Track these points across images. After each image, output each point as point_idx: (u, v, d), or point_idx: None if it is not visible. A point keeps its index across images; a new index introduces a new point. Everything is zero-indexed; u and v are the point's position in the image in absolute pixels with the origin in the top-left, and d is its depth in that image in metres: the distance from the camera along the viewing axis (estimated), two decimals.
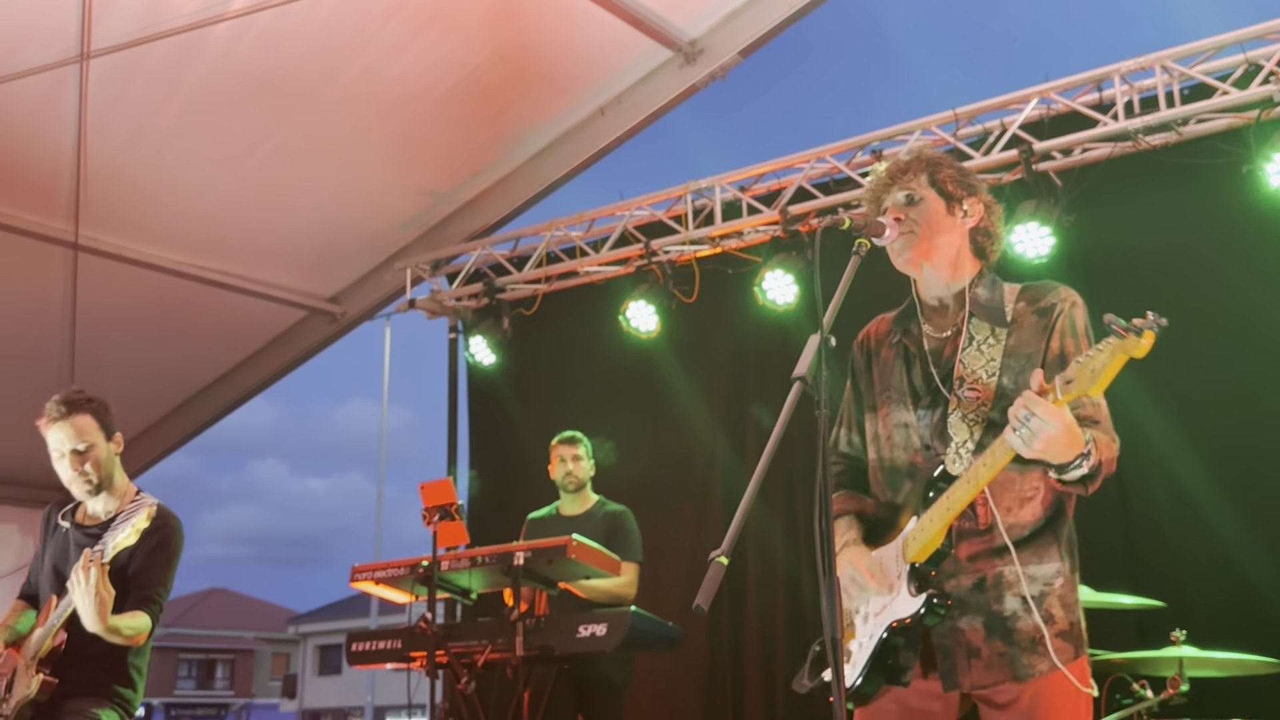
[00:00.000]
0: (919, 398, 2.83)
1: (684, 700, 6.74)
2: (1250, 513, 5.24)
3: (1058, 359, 2.71)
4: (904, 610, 2.62)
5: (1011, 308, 2.82)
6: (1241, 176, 5.34)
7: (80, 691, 3.79)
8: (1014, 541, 2.65)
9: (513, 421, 7.71)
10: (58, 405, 3.96)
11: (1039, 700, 2.61)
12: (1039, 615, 2.63)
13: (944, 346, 2.84)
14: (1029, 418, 2.39)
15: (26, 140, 5.92)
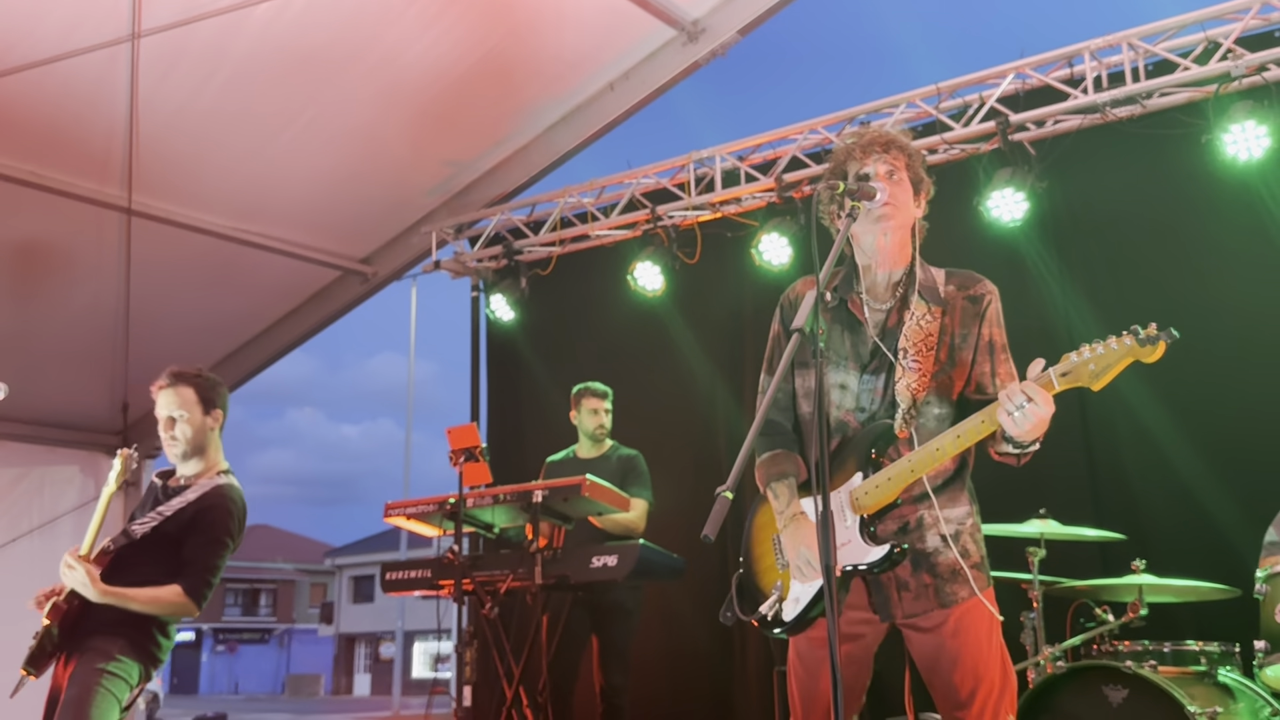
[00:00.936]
0: (861, 363, 2.85)
1: (689, 625, 6.79)
2: (1205, 452, 5.26)
3: (988, 345, 2.82)
4: (862, 558, 2.71)
5: (943, 289, 2.87)
6: (1200, 146, 5.31)
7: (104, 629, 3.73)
8: (933, 489, 2.76)
9: (530, 372, 7.73)
10: (167, 374, 3.98)
11: (962, 622, 2.74)
12: (956, 550, 2.76)
13: (887, 318, 2.87)
14: (1025, 403, 2.46)
15: (84, 114, 5.89)
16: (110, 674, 3.67)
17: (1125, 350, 2.40)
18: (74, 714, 3.57)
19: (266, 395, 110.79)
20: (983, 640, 2.74)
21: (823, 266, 2.56)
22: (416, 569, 5.62)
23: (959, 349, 2.82)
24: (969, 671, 2.70)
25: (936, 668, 2.76)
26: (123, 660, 3.72)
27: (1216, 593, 4.34)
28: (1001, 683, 2.72)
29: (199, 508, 3.86)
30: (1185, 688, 3.82)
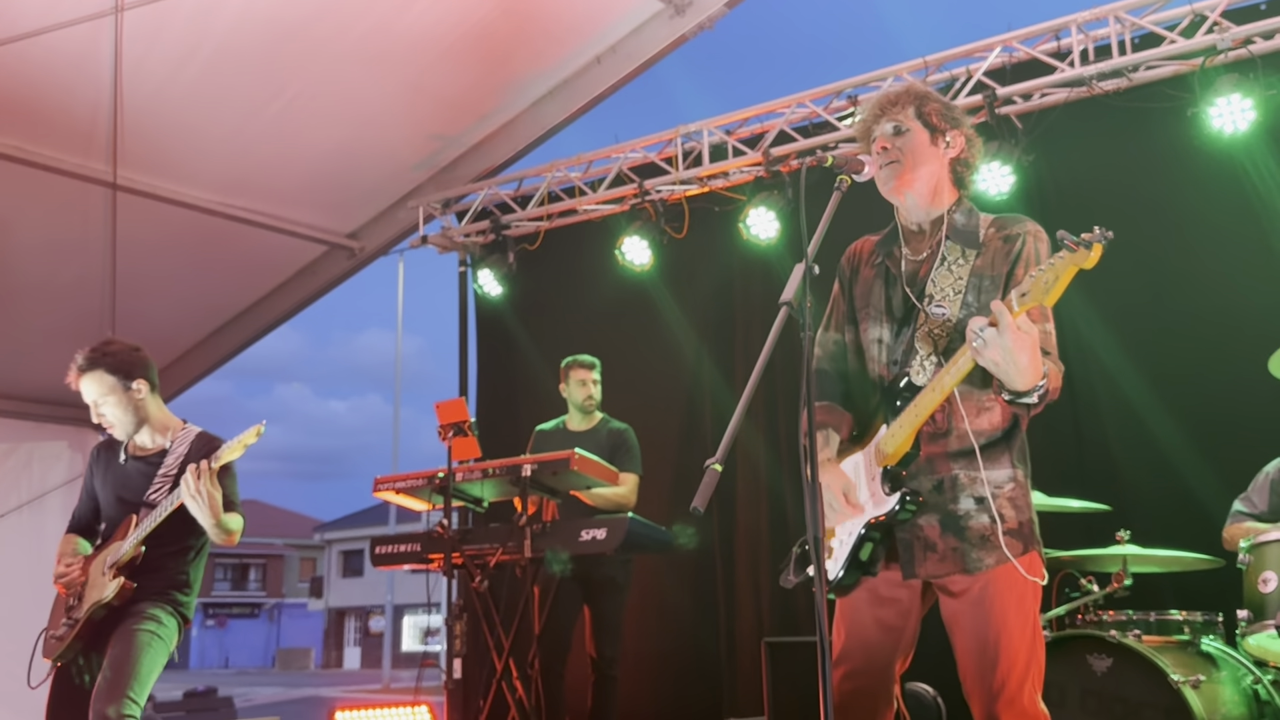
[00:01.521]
0: (894, 316, 2.83)
1: (675, 598, 6.82)
2: (1189, 424, 5.29)
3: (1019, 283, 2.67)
4: (880, 509, 2.67)
5: (983, 233, 2.81)
6: (1186, 119, 5.32)
7: (143, 596, 3.82)
8: (970, 448, 2.67)
9: (518, 347, 7.72)
10: (77, 362, 3.97)
11: (989, 589, 2.65)
12: (990, 514, 2.66)
13: (919, 268, 2.84)
14: (984, 329, 2.38)
15: (68, 88, 5.83)
16: (158, 636, 3.78)
17: (1065, 263, 2.34)
18: (123, 667, 3.64)
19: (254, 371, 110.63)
20: (1010, 609, 2.63)
21: (811, 240, 2.56)
22: (406, 543, 5.62)
23: (987, 290, 2.71)
24: (992, 643, 2.61)
25: (960, 635, 2.68)
26: (166, 623, 3.83)
27: (1200, 563, 4.38)
28: (1028, 655, 2.63)
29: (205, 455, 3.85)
30: (1169, 656, 3.85)
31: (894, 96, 2.88)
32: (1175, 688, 3.71)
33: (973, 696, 2.66)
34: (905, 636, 2.80)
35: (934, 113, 2.86)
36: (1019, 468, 2.75)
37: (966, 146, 2.89)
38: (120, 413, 3.98)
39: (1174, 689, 3.72)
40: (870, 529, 2.69)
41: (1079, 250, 2.32)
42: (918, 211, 2.86)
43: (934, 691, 5.23)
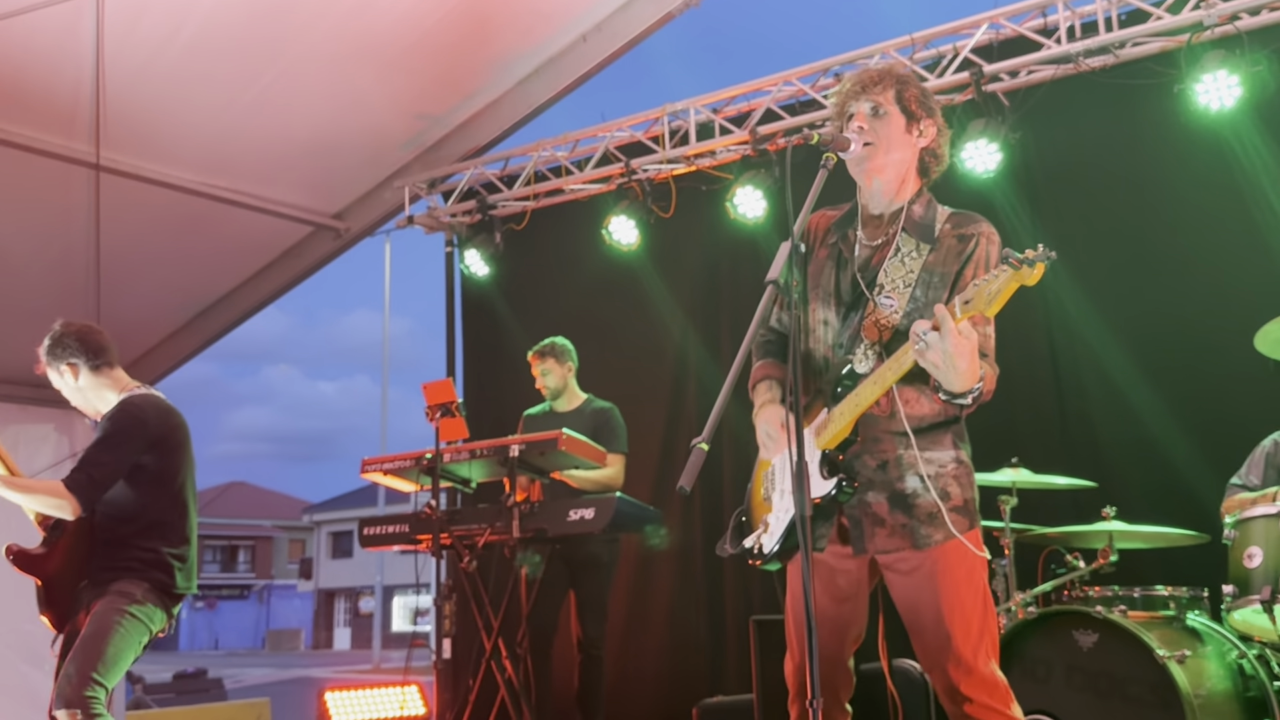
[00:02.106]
0: (842, 301, 2.85)
1: (662, 578, 6.83)
2: (1174, 402, 5.31)
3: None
4: (817, 491, 2.71)
5: (939, 227, 2.83)
6: (1172, 96, 5.32)
7: (122, 574, 3.79)
8: (912, 430, 2.73)
9: (505, 327, 7.70)
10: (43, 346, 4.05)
11: (940, 565, 2.72)
12: (935, 493, 2.73)
13: (873, 255, 2.86)
14: (926, 333, 2.42)
15: (49, 68, 5.77)
16: (132, 615, 3.72)
17: (1007, 278, 2.37)
18: (89, 649, 3.61)
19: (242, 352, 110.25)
20: (961, 583, 2.71)
21: (797, 219, 2.56)
22: (394, 524, 5.62)
23: (936, 286, 2.76)
24: (946, 615, 2.68)
25: (914, 611, 2.74)
26: (145, 604, 3.78)
27: (1185, 539, 4.40)
28: (980, 626, 2.70)
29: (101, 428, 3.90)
30: (1154, 631, 3.88)
31: (875, 76, 2.87)
32: (1161, 663, 3.74)
33: (933, 670, 2.74)
34: (857, 607, 2.87)
35: (913, 99, 2.86)
36: (961, 448, 2.83)
37: (937, 136, 2.91)
38: (71, 395, 4.06)
39: (1159, 664, 3.74)
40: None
41: (1022, 268, 2.35)
42: (881, 198, 2.88)
43: (921, 668, 5.25)
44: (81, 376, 3.99)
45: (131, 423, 3.86)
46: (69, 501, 3.71)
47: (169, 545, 3.89)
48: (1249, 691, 3.94)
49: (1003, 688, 2.70)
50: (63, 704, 3.51)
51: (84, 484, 3.74)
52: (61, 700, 3.52)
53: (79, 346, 4.00)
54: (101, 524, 3.80)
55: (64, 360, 3.99)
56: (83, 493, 3.73)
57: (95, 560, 3.79)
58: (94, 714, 3.52)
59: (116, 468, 3.80)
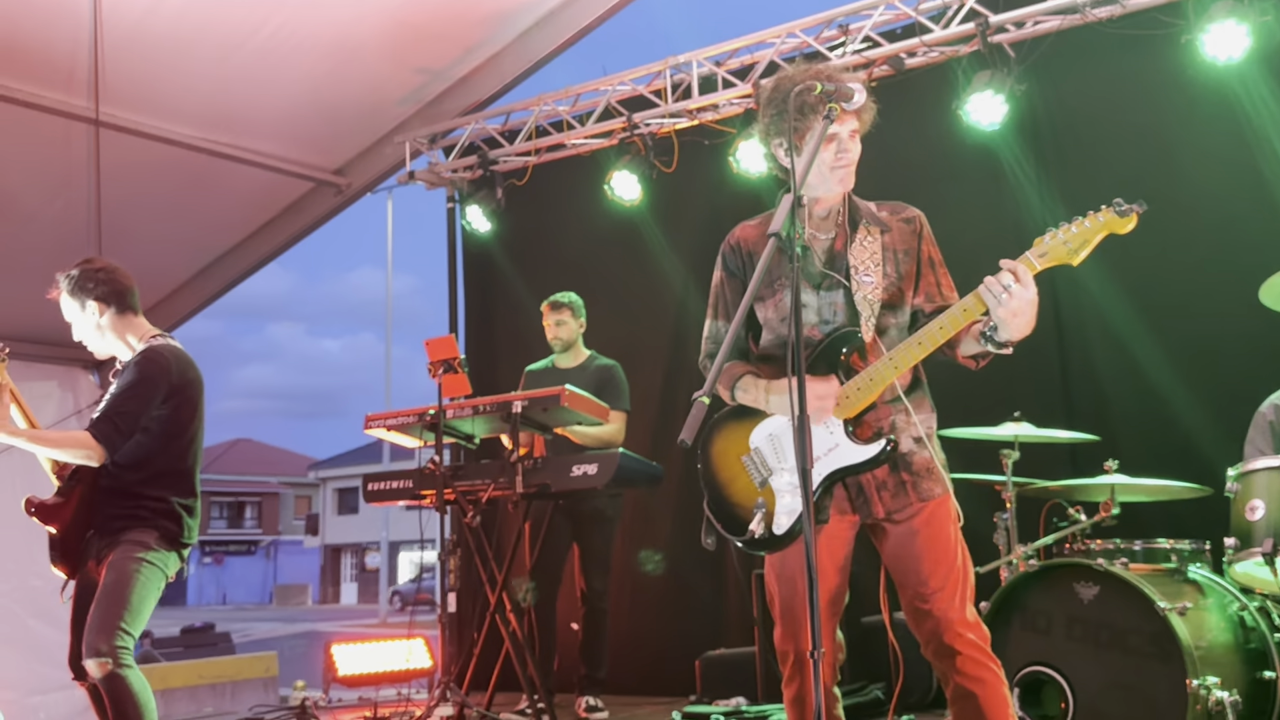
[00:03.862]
0: (816, 284, 2.96)
1: (660, 530, 6.85)
2: (1176, 353, 5.29)
3: (929, 260, 3.01)
4: (856, 457, 2.82)
5: (880, 214, 3.02)
6: (1180, 47, 5.25)
7: (133, 524, 3.78)
8: (898, 396, 2.90)
9: (507, 283, 7.68)
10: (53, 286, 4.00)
11: (935, 515, 2.90)
12: (929, 450, 2.92)
13: (832, 243, 2.99)
14: (1011, 283, 2.59)
15: (47, 24, 5.71)
16: (149, 563, 3.73)
17: (1100, 225, 2.55)
18: (113, 598, 3.62)
19: (246, 310, 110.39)
20: (949, 532, 2.90)
21: (800, 168, 2.54)
22: (399, 479, 5.64)
23: (904, 263, 2.97)
24: (936, 561, 2.86)
25: (905, 557, 2.91)
26: (159, 550, 3.78)
27: (1187, 491, 4.40)
28: (964, 571, 2.89)
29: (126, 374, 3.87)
30: (1156, 584, 3.88)
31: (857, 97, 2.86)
32: (1162, 615, 3.74)
33: (923, 615, 2.87)
34: (846, 576, 3.03)
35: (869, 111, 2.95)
36: (935, 412, 3.04)
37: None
38: (86, 336, 4.00)
39: (1160, 616, 3.75)
40: (828, 479, 2.84)
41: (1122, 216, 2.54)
42: (833, 200, 3.00)
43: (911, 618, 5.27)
44: (107, 316, 3.96)
45: (157, 371, 3.84)
46: (96, 450, 3.71)
47: (178, 495, 3.88)
48: (1250, 643, 3.95)
49: (984, 631, 2.89)
50: (93, 654, 3.53)
51: (110, 432, 3.74)
52: (92, 650, 3.54)
53: (110, 286, 3.96)
54: (110, 472, 3.78)
55: (92, 295, 3.93)
56: (109, 441, 3.73)
57: (103, 509, 3.79)
58: (123, 663, 3.55)
59: (141, 416, 3.79)
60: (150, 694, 3.63)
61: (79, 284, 3.95)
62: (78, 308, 3.97)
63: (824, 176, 2.91)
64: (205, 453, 4.15)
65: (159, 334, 4.02)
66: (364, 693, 6.98)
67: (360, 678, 7.09)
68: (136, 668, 3.61)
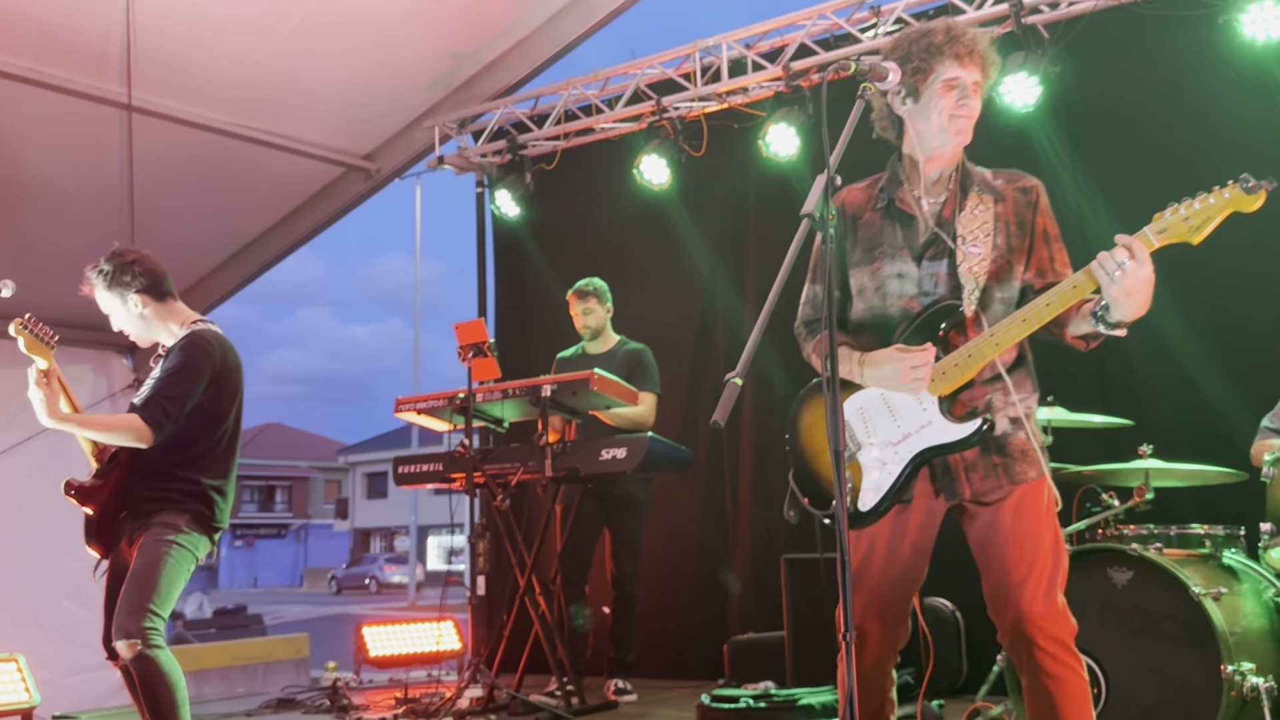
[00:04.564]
0: (916, 253, 2.83)
1: (689, 515, 6.85)
2: (1212, 337, 5.23)
3: (1043, 234, 2.84)
4: (948, 435, 2.71)
5: (994, 182, 2.88)
6: (1216, 27, 5.18)
7: (165, 506, 3.81)
8: (999, 374, 2.77)
9: (536, 268, 7.68)
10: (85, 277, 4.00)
11: (1025, 499, 2.75)
12: (1026, 431, 2.77)
13: (941, 208, 2.85)
14: (1125, 260, 2.49)
15: (80, 9, 5.75)
16: (179, 545, 3.76)
17: (1226, 202, 2.43)
18: (143, 580, 3.65)
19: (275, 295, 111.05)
20: (1043, 518, 2.75)
21: (833, 152, 2.51)
22: (428, 463, 5.67)
23: (1016, 235, 2.81)
24: (1022, 549, 2.71)
25: (991, 544, 2.75)
26: (190, 533, 3.80)
27: (1222, 476, 4.35)
28: (1055, 560, 2.73)
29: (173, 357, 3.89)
30: (1190, 569, 3.84)
31: (985, 53, 2.81)
32: (1196, 600, 3.71)
33: (1006, 601, 2.71)
34: (925, 560, 2.89)
35: (993, 69, 2.84)
36: (1036, 392, 2.89)
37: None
38: (125, 324, 4.00)
39: (1195, 601, 3.71)
40: (920, 457, 2.73)
41: (1250, 194, 2.42)
42: (941, 160, 2.87)
43: (952, 606, 5.26)
44: (150, 306, 3.98)
45: (201, 356, 3.87)
46: (145, 432, 3.74)
47: (210, 477, 3.90)
48: None
49: (1071, 624, 2.72)
50: (123, 635, 3.57)
51: (159, 415, 3.76)
52: (121, 632, 3.57)
53: (148, 277, 3.98)
54: (149, 454, 3.81)
55: (132, 289, 3.95)
56: (158, 424, 3.76)
57: (137, 490, 3.82)
58: (153, 644, 3.58)
59: (188, 400, 3.82)
60: (180, 674, 3.66)
61: (116, 278, 3.96)
62: (118, 302, 3.98)
63: (940, 128, 2.78)
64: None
65: (199, 319, 4.05)
66: (394, 674, 7.03)
67: (391, 659, 7.15)
68: (166, 648, 3.64)
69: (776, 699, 4.68)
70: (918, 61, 2.77)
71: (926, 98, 2.75)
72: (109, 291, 3.98)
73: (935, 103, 2.77)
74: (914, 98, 2.78)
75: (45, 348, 3.78)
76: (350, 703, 5.98)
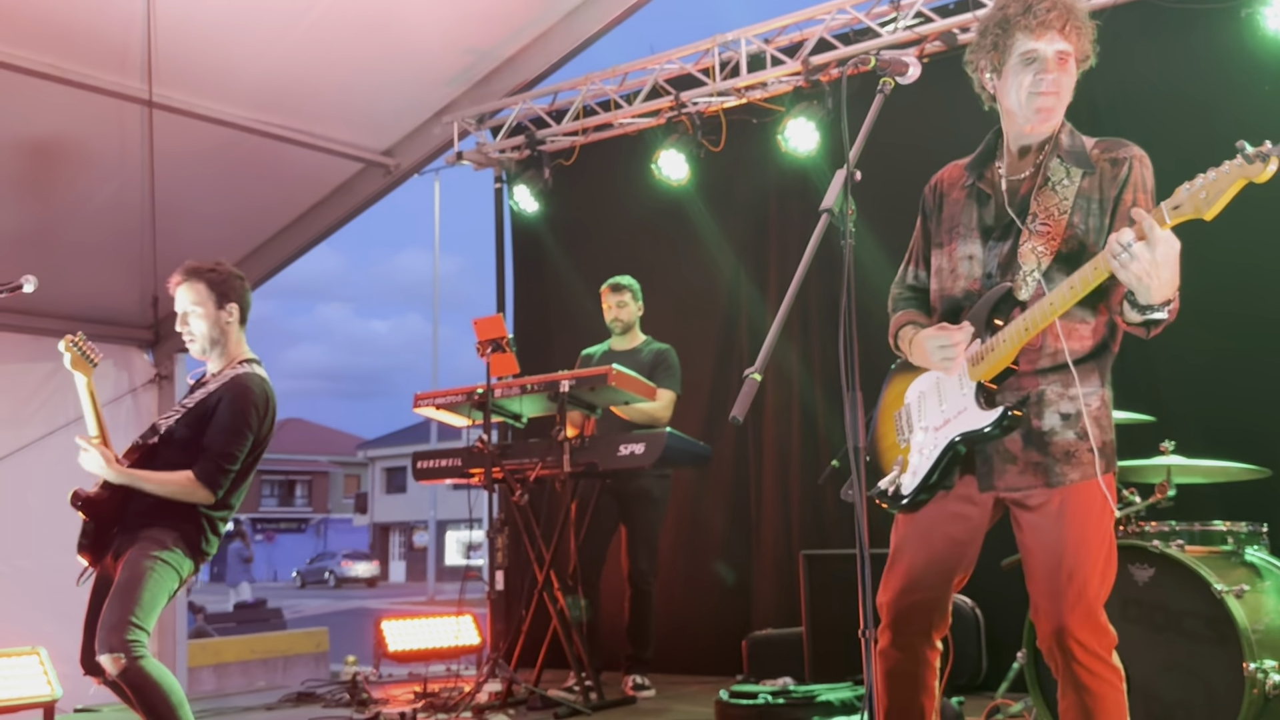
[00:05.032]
0: (989, 231, 2.75)
1: (708, 511, 6.85)
2: (1234, 333, 5.19)
3: (1129, 210, 2.58)
4: (976, 423, 2.62)
5: (1090, 153, 2.72)
6: (1240, 20, 5.14)
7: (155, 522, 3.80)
8: (1063, 364, 2.63)
9: (554, 264, 7.68)
10: (181, 269, 3.97)
11: (1068, 504, 2.62)
12: (1075, 431, 2.64)
13: (1020, 185, 2.75)
14: (1130, 243, 2.30)
15: (101, 6, 5.78)
16: (164, 561, 3.75)
17: (1236, 172, 2.24)
18: (126, 594, 3.65)
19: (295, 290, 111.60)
20: (1090, 525, 2.61)
21: (853, 146, 2.50)
22: (447, 458, 5.68)
23: (1095, 214, 2.65)
24: (1069, 555, 2.59)
25: (1033, 549, 2.65)
26: (175, 551, 3.79)
27: (1245, 473, 4.32)
28: (1102, 571, 2.62)
29: (218, 398, 3.88)
30: (1212, 566, 3.82)
31: (1070, 18, 2.66)
32: (1218, 597, 3.69)
33: (1042, 610, 2.62)
34: (970, 551, 2.79)
35: (1089, 42, 2.71)
36: (1106, 389, 2.73)
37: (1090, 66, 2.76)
38: (205, 327, 3.97)
39: (1217, 598, 3.69)
40: (956, 443, 2.65)
41: (1255, 162, 2.22)
42: (1033, 134, 2.74)
43: (972, 602, 5.24)
44: (234, 323, 4.01)
45: (254, 413, 3.90)
46: (203, 494, 3.80)
47: (212, 508, 3.90)
48: None
49: (1111, 636, 2.63)
50: (106, 649, 3.56)
51: (216, 477, 3.81)
52: (105, 646, 3.57)
53: (247, 298, 4.05)
54: None
55: (234, 299, 4.00)
56: (216, 485, 3.81)
57: (132, 505, 3.83)
58: (136, 656, 3.57)
59: (240, 458, 3.88)
60: (172, 677, 3.64)
61: (226, 282, 3.99)
62: (213, 304, 3.97)
63: (1020, 105, 2.66)
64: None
65: (250, 357, 4.06)
66: (414, 668, 7.05)
67: (410, 653, 7.17)
68: (151, 657, 3.62)
69: (795, 695, 4.67)
70: (993, 37, 2.68)
71: (1005, 74, 2.65)
72: (211, 290, 3.96)
73: (1013, 79, 2.66)
74: (997, 74, 2.70)
75: (88, 365, 3.86)
76: (370, 697, 6.00)
